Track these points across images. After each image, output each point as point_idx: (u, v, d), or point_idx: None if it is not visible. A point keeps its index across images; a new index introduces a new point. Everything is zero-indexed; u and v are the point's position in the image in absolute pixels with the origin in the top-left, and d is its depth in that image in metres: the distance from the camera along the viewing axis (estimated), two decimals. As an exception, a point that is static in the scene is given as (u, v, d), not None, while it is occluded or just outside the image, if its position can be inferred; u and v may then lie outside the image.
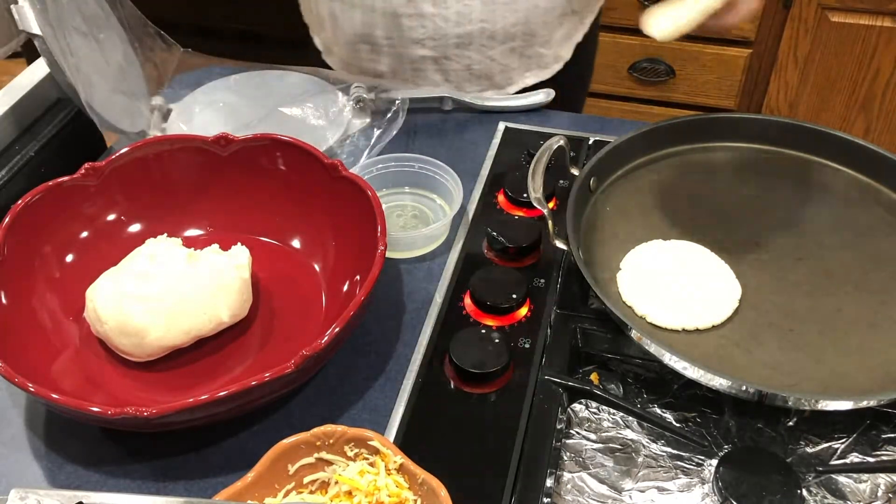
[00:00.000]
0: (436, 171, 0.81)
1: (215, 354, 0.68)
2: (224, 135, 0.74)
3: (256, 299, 0.71)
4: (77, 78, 0.77)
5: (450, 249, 0.77)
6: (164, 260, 0.66)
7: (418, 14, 0.91)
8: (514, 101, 0.94)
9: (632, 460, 0.62)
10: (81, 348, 0.67)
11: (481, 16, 0.91)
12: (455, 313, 0.70)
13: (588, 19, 1.02)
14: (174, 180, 0.76)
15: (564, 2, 0.95)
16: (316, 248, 0.74)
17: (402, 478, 0.55)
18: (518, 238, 0.74)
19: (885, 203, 0.76)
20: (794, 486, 0.57)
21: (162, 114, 0.91)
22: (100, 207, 0.73)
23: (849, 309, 0.67)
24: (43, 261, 0.69)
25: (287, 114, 0.92)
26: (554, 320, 0.69)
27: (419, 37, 0.93)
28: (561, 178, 0.80)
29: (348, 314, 0.59)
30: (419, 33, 0.93)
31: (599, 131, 0.89)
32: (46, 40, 0.73)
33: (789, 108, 1.81)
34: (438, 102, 0.94)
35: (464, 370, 0.63)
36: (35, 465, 0.61)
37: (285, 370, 0.56)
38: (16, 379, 0.56)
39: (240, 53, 1.01)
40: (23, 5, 0.72)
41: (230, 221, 0.77)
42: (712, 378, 0.59)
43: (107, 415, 0.54)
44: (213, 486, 0.59)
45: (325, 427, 0.56)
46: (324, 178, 0.72)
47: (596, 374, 0.68)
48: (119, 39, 0.88)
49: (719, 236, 0.73)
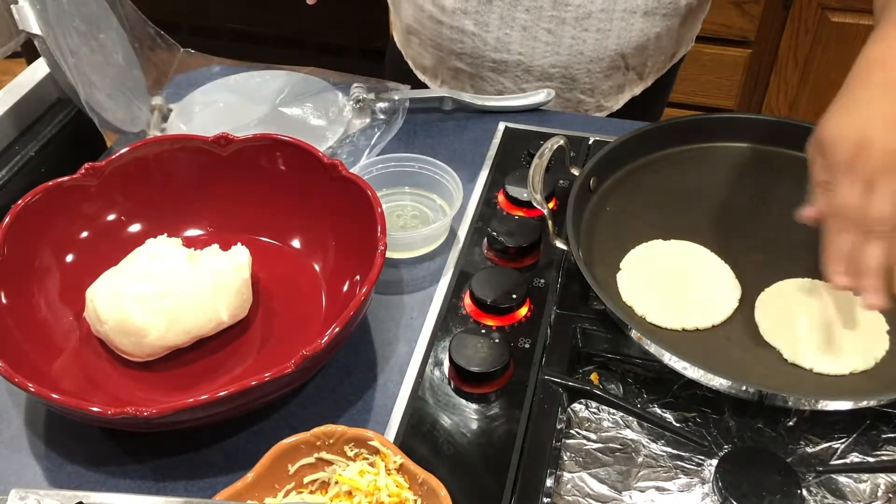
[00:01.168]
0: (436, 171, 0.81)
1: (215, 354, 0.68)
2: (224, 135, 0.74)
3: (256, 299, 0.71)
4: (77, 78, 0.77)
5: (450, 249, 0.77)
6: (164, 260, 0.66)
7: (459, 28, 0.90)
8: (514, 101, 0.94)
9: (632, 460, 0.62)
10: (81, 348, 0.67)
11: (520, 48, 0.90)
12: (455, 313, 0.70)
13: (651, 78, 0.98)
14: (174, 180, 0.76)
15: (616, 55, 0.91)
16: (316, 248, 0.74)
17: (402, 478, 0.55)
18: (518, 238, 0.74)
19: (885, 203, 0.76)
20: (794, 486, 0.57)
21: (162, 114, 0.91)
22: (100, 207, 0.73)
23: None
24: (43, 261, 0.69)
25: (287, 114, 0.92)
26: (554, 320, 0.69)
27: (458, 50, 0.93)
28: (561, 178, 0.80)
29: (348, 314, 0.59)
30: (458, 47, 0.92)
31: (599, 131, 0.89)
32: (46, 40, 0.73)
33: (789, 108, 1.81)
34: (438, 102, 0.94)
35: (464, 370, 0.63)
36: (35, 465, 0.61)
37: (285, 370, 0.56)
38: (16, 379, 0.56)
39: (240, 53, 1.01)
40: (23, 5, 0.72)
41: (230, 221, 0.77)
42: (712, 378, 0.59)
43: (107, 415, 0.54)
44: (213, 486, 0.59)
45: (325, 427, 0.56)
46: (324, 178, 0.72)
47: (596, 374, 0.68)
48: (119, 39, 0.88)
49: (719, 236, 0.73)
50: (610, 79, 0.94)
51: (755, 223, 0.75)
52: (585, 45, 0.89)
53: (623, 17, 0.87)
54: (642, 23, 0.88)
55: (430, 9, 0.90)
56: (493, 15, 0.88)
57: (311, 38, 1.99)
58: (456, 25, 0.90)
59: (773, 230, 0.74)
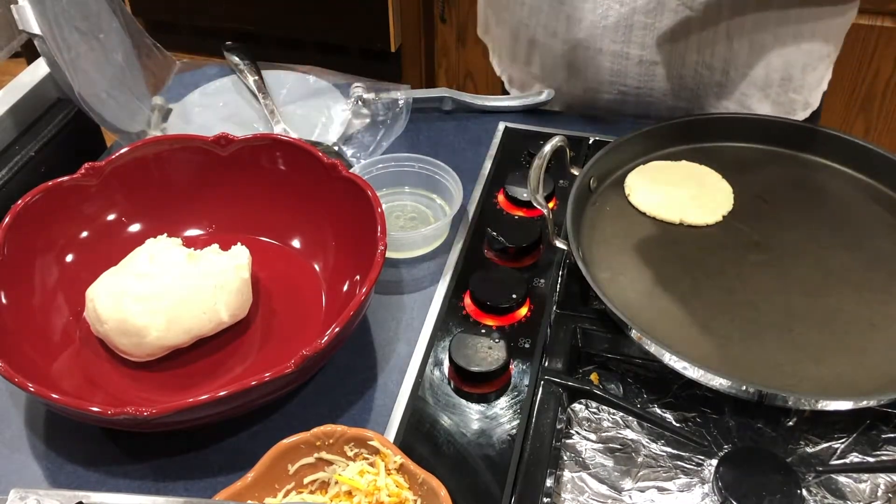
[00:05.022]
0: (436, 171, 0.81)
1: (215, 354, 0.68)
2: (224, 135, 0.74)
3: (256, 299, 0.71)
4: (77, 77, 0.77)
5: (450, 249, 0.77)
6: (164, 260, 0.66)
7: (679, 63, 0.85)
8: (514, 101, 0.94)
9: (632, 460, 0.62)
10: (81, 348, 0.67)
11: (746, 59, 0.85)
12: (455, 313, 0.70)
13: (831, 67, 0.95)
14: (174, 180, 0.76)
15: (830, 46, 0.87)
16: (316, 248, 0.74)
17: (402, 478, 0.55)
18: (518, 238, 0.74)
19: (885, 203, 0.76)
20: (794, 486, 0.57)
21: (162, 114, 0.91)
22: (100, 207, 0.73)
23: (849, 309, 0.67)
24: (43, 261, 0.69)
25: (287, 113, 0.92)
26: (554, 320, 0.69)
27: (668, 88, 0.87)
28: (561, 178, 0.80)
29: (348, 314, 0.59)
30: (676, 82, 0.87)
31: (599, 131, 0.89)
32: (46, 40, 0.73)
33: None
34: (438, 102, 0.94)
35: (464, 370, 0.63)
36: (35, 465, 0.61)
37: (285, 370, 0.56)
38: (16, 379, 0.56)
39: (240, 53, 1.01)
40: (23, 5, 0.72)
41: (230, 221, 0.77)
42: (712, 378, 0.59)
43: (107, 415, 0.54)
44: (213, 486, 0.59)
45: (325, 427, 0.56)
46: (324, 178, 0.72)
47: (596, 374, 0.68)
48: (119, 39, 0.88)
49: (719, 236, 0.73)
50: (815, 70, 0.91)
51: (755, 223, 0.75)
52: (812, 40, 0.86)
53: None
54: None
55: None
56: (719, 45, 0.85)
57: (311, 38, 1.99)
58: (674, 74, 0.86)
59: (772, 230, 0.74)
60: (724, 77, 0.87)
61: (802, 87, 0.91)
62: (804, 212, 0.76)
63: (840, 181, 0.79)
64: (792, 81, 0.89)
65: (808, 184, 0.79)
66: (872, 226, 0.74)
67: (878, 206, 0.76)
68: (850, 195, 0.78)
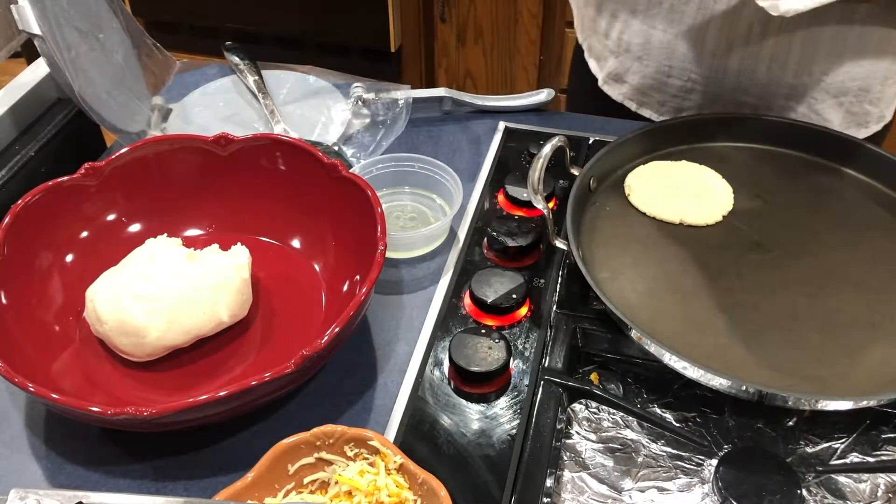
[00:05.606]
0: (436, 171, 0.81)
1: (215, 354, 0.68)
2: (224, 135, 0.74)
3: (256, 299, 0.71)
4: (77, 77, 0.77)
5: (450, 249, 0.77)
6: (164, 260, 0.66)
7: (751, 69, 0.84)
8: (514, 100, 0.94)
9: (632, 460, 0.62)
10: (81, 348, 0.67)
11: (823, 66, 0.83)
12: (455, 313, 0.70)
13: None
14: (174, 180, 0.76)
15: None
16: (316, 248, 0.74)
17: (402, 478, 0.55)
18: (518, 238, 0.74)
19: (885, 203, 0.76)
20: (794, 486, 0.57)
21: (162, 114, 0.91)
22: (100, 207, 0.73)
23: (849, 308, 0.67)
24: (43, 261, 0.69)
25: (287, 113, 0.92)
26: (554, 320, 0.69)
27: (745, 87, 0.86)
28: (561, 178, 0.80)
29: (348, 314, 0.59)
30: (746, 84, 0.86)
31: (599, 131, 0.89)
32: (46, 40, 0.73)
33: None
34: (438, 102, 0.94)
35: (464, 370, 0.63)
36: (35, 465, 0.61)
37: (285, 370, 0.56)
38: (16, 379, 0.56)
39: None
40: (23, 5, 0.72)
41: (230, 221, 0.77)
42: (712, 378, 0.59)
43: (107, 415, 0.54)
44: (213, 486, 0.59)
45: (325, 427, 0.56)
46: (324, 178, 0.72)
47: (596, 374, 0.68)
48: (119, 39, 0.88)
49: (719, 236, 0.73)
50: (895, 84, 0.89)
51: (755, 223, 0.75)
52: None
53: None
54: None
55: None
56: (795, 46, 0.83)
57: (311, 38, 1.99)
58: (746, 68, 0.85)
59: (773, 230, 0.74)
60: (797, 79, 0.85)
61: (880, 100, 0.89)
62: (804, 212, 0.76)
63: (840, 181, 0.79)
64: (870, 93, 0.88)
65: (808, 183, 0.79)
66: (872, 226, 0.74)
67: (878, 206, 0.76)
68: (850, 195, 0.78)
